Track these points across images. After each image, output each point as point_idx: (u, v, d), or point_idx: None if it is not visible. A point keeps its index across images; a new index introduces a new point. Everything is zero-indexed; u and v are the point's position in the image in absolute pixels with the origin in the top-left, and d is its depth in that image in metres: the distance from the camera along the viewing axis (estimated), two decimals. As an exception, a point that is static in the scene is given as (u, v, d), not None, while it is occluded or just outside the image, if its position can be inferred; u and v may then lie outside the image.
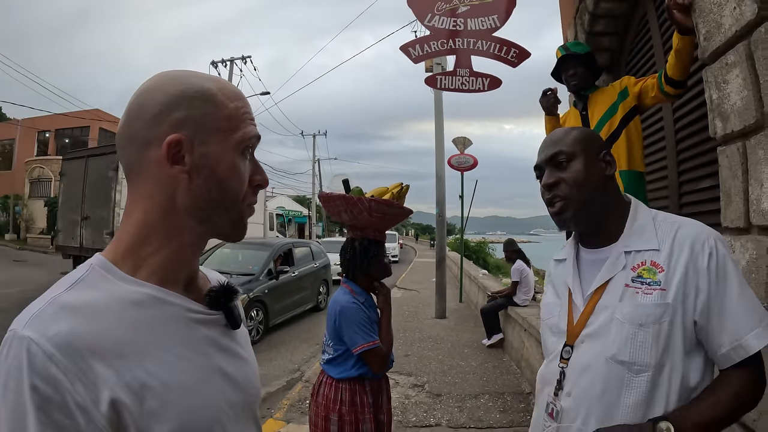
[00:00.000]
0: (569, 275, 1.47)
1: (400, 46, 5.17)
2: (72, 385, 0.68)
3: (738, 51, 1.98)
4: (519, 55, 4.83)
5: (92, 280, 0.80)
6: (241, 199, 0.90)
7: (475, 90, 5.07)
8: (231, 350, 0.95)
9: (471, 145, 12.76)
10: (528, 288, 7.70)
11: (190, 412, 0.80)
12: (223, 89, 0.89)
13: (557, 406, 1.37)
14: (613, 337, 1.29)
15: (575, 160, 1.41)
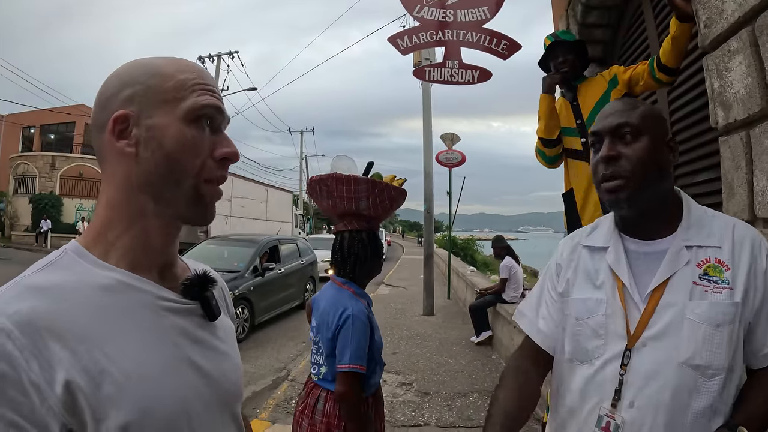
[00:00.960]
0: (620, 267, 1.31)
1: (389, 37, 5.07)
2: (27, 363, 0.67)
3: (741, 37, 1.91)
4: (509, 48, 4.74)
5: (64, 263, 0.81)
6: (195, 172, 0.85)
7: (465, 82, 4.98)
8: (206, 342, 0.92)
9: (459, 141, 12.74)
10: (517, 285, 7.66)
11: (150, 402, 0.77)
12: (174, 63, 0.88)
13: (617, 419, 1.23)
14: (687, 339, 1.18)
15: (642, 137, 1.27)
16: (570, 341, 1.37)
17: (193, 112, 0.85)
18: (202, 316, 0.93)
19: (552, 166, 3.30)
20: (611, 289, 1.32)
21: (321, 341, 2.20)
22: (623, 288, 1.29)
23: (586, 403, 1.30)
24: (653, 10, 3.30)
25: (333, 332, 2.12)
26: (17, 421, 0.65)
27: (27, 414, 0.66)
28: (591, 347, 1.31)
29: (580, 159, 3.04)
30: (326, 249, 17.94)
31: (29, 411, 0.66)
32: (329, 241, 18.37)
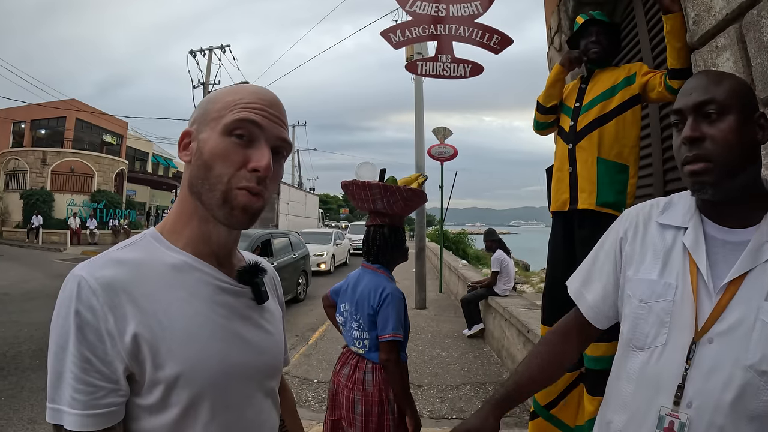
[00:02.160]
0: (698, 253, 1.18)
1: (381, 31, 5.08)
2: (105, 315, 0.86)
3: (729, 34, 1.95)
4: (501, 42, 4.76)
5: (142, 245, 1.00)
6: (225, 179, 0.96)
7: (457, 76, 4.99)
8: (253, 320, 1.09)
9: (451, 135, 12.73)
10: (508, 278, 7.71)
11: (198, 359, 0.94)
12: (233, 89, 1.03)
13: (681, 418, 1.12)
14: (757, 342, 1.07)
15: (729, 116, 1.14)
16: (629, 323, 1.27)
17: (228, 126, 0.97)
18: (252, 299, 1.10)
19: (538, 131, 3.28)
20: (683, 275, 1.20)
21: (361, 318, 2.57)
22: (698, 275, 1.17)
23: (641, 396, 1.22)
24: (644, 6, 3.32)
25: (374, 308, 2.53)
26: (90, 359, 0.85)
27: (100, 354, 0.85)
28: (653, 334, 1.21)
29: (563, 139, 3.00)
30: (319, 243, 18.11)
31: (102, 353, 0.86)
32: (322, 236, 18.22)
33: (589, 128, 2.82)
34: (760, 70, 1.78)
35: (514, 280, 7.90)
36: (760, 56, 1.78)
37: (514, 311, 6.01)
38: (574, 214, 2.87)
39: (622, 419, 1.25)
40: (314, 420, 4.49)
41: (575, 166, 2.86)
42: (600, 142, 2.77)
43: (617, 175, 2.77)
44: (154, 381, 0.90)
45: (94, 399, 0.85)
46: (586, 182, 2.79)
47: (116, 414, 0.88)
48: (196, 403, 0.93)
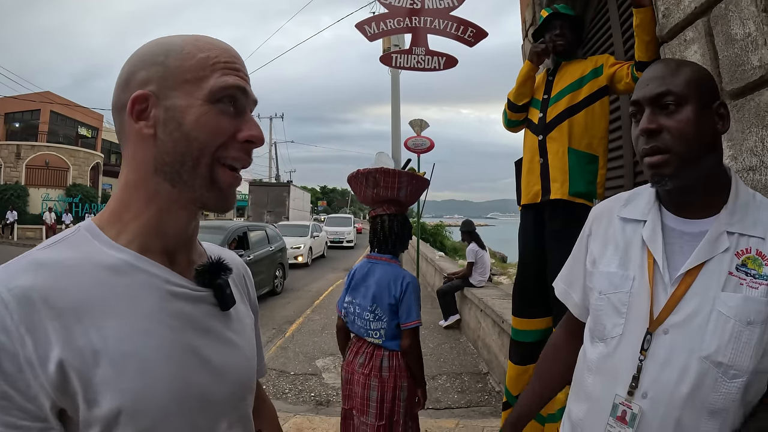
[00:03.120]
0: (655, 244, 1.19)
1: (356, 23, 5.05)
2: (22, 338, 0.68)
3: (697, 27, 1.97)
4: (476, 35, 4.78)
5: (74, 241, 0.80)
6: (212, 151, 0.82)
7: (431, 69, 5.00)
8: (215, 332, 0.89)
9: (428, 127, 12.74)
10: (483, 269, 7.77)
11: (143, 389, 0.75)
12: (195, 41, 0.84)
13: (633, 408, 1.13)
14: (712, 333, 1.07)
15: (686, 106, 1.12)
16: (592, 315, 1.30)
17: (216, 92, 0.82)
18: (215, 305, 0.90)
19: (510, 129, 3.28)
20: (641, 266, 1.21)
21: (379, 308, 2.63)
22: (654, 266, 1.18)
23: (599, 386, 1.23)
24: (617, 0, 3.35)
25: (396, 297, 2.61)
26: (10, 394, 0.67)
27: (21, 388, 0.67)
28: (610, 325, 1.22)
29: (532, 131, 3.01)
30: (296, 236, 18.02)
31: (24, 385, 0.67)
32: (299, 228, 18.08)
33: (559, 119, 2.84)
34: (727, 63, 1.80)
35: (490, 272, 7.96)
36: (727, 49, 1.80)
37: (489, 302, 6.05)
38: (546, 206, 2.88)
39: (582, 408, 1.28)
40: (291, 412, 4.49)
41: (546, 157, 2.87)
42: (570, 133, 2.79)
43: (588, 165, 2.79)
44: (89, 420, 0.72)
45: None
46: (558, 172, 2.80)
47: None
48: None
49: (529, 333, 2.98)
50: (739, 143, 1.75)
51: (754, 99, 1.68)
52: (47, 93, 30.57)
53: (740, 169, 1.74)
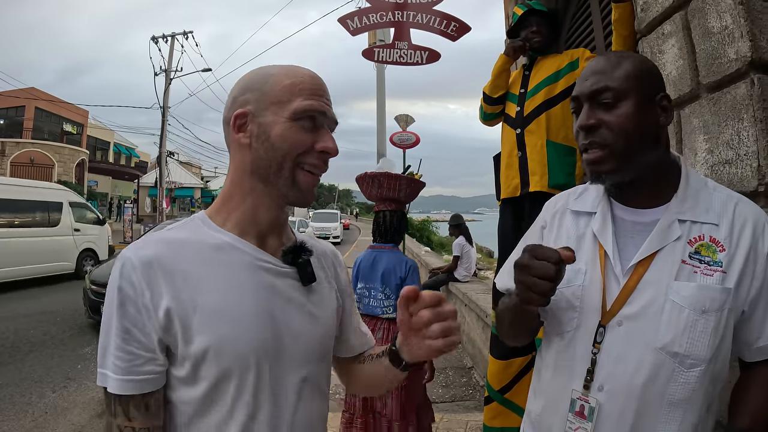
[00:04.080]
0: (605, 236, 1.19)
1: (339, 18, 5.04)
2: (143, 290, 0.94)
3: (675, 21, 1.98)
4: (459, 29, 4.80)
5: (190, 226, 1.06)
6: (293, 158, 1.02)
7: (414, 63, 4.99)
8: (296, 302, 1.08)
9: (414, 122, 12.73)
10: (469, 264, 7.79)
11: (226, 336, 0.96)
12: (285, 70, 1.05)
13: (591, 402, 1.12)
14: (667, 323, 1.07)
15: (625, 101, 1.12)
16: (547, 311, 1.27)
17: (298, 112, 1.01)
18: (297, 280, 1.09)
19: (486, 122, 3.31)
20: (592, 259, 1.20)
21: (388, 288, 3.16)
22: (605, 258, 1.18)
23: (555, 382, 1.23)
24: (598, -5, 3.35)
25: (401, 278, 3.15)
26: (130, 329, 0.93)
27: (139, 326, 0.93)
28: (564, 319, 1.21)
29: (510, 125, 3.04)
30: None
31: (141, 324, 0.93)
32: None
33: (537, 112, 2.87)
34: (704, 56, 1.81)
35: (476, 266, 7.98)
36: (704, 42, 1.81)
37: (474, 296, 6.08)
38: (525, 199, 2.90)
39: (539, 405, 1.28)
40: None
41: (524, 150, 2.89)
42: (548, 126, 2.83)
43: (566, 157, 2.83)
44: (184, 355, 0.96)
45: (133, 366, 0.93)
46: (537, 165, 2.83)
47: (154, 381, 0.96)
48: (224, 379, 0.97)
49: None
50: (715, 137, 1.76)
51: (731, 92, 1.69)
52: (32, 89, 30.34)
53: (716, 162, 1.75)
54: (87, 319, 7.86)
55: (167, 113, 25.27)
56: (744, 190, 1.59)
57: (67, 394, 5.16)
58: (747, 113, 1.60)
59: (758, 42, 1.59)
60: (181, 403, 0.98)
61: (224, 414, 0.98)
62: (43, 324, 7.85)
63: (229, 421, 0.98)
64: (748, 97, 1.60)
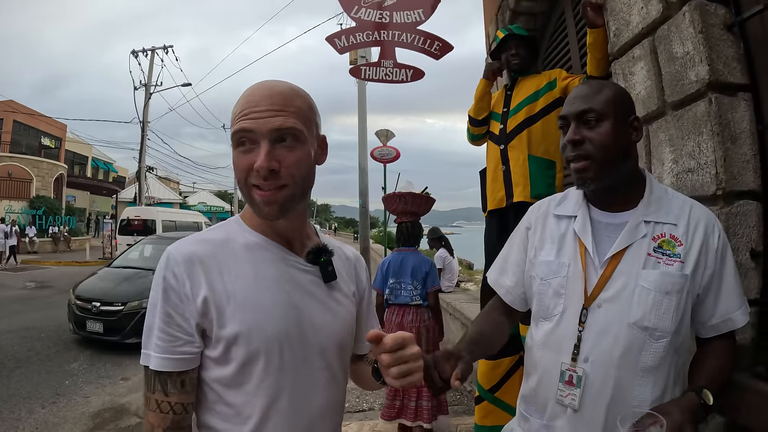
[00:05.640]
0: (585, 234, 1.43)
1: (326, 37, 5.19)
2: (184, 281, 1.09)
3: (644, 46, 2.20)
4: (442, 48, 4.99)
5: (226, 227, 1.22)
6: (244, 181, 1.13)
7: (399, 81, 5.17)
8: (317, 296, 1.21)
9: (393, 137, 12.92)
10: (452, 275, 7.96)
11: (255, 323, 1.10)
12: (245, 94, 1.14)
13: (578, 371, 1.35)
14: (637, 303, 1.31)
15: (605, 121, 1.37)
16: (536, 300, 1.52)
17: (233, 141, 1.13)
18: (319, 278, 1.23)
19: (474, 143, 3.51)
20: (574, 254, 1.44)
21: (416, 280, 4.25)
22: (585, 253, 1.41)
23: (546, 358, 1.44)
24: (574, 18, 3.58)
25: (426, 272, 4.28)
26: (172, 314, 1.08)
27: (179, 312, 1.08)
28: (552, 305, 1.44)
29: (494, 142, 3.24)
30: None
31: (181, 310, 1.09)
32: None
33: (519, 129, 3.09)
34: (669, 78, 2.03)
35: (458, 278, 8.14)
36: (669, 66, 2.03)
37: (458, 306, 6.24)
38: (510, 209, 3.10)
39: (534, 379, 1.50)
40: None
41: (508, 164, 3.11)
42: (529, 141, 3.04)
43: (547, 170, 3.04)
44: (218, 337, 1.09)
45: (173, 346, 1.08)
46: (520, 177, 3.03)
47: (191, 361, 1.10)
48: (251, 361, 1.10)
49: None
50: (679, 148, 1.97)
51: (692, 109, 1.91)
52: (10, 102, 29.86)
53: (680, 171, 1.96)
54: (72, 334, 7.81)
55: (147, 128, 25.07)
56: (704, 194, 1.81)
57: (57, 409, 5.15)
58: (706, 128, 1.82)
59: (716, 66, 1.80)
60: (213, 381, 1.12)
61: (250, 394, 1.11)
62: (27, 340, 7.76)
63: (254, 401, 1.11)
64: (707, 114, 1.81)
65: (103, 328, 7.36)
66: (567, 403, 1.36)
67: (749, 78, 1.83)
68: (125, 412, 5.20)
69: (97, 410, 5.20)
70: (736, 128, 1.80)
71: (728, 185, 1.76)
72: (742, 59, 1.84)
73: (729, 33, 1.85)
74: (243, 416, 1.11)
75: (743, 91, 1.84)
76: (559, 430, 1.39)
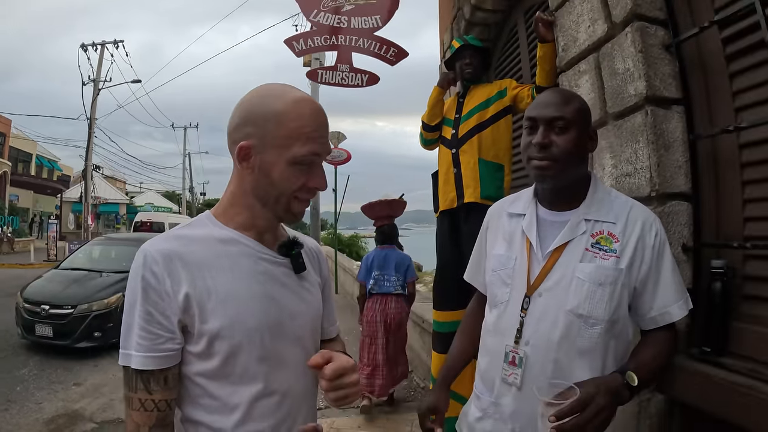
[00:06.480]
0: (531, 231, 1.56)
1: (285, 39, 5.20)
2: (164, 279, 1.10)
3: (589, 61, 2.40)
4: (397, 55, 5.11)
5: (199, 223, 1.23)
6: (288, 194, 1.18)
7: (354, 85, 5.26)
8: (290, 287, 1.27)
9: (345, 139, 12.97)
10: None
11: (236, 316, 1.13)
12: (289, 109, 1.15)
13: (520, 353, 1.48)
14: (573, 293, 1.43)
15: (571, 129, 1.47)
16: (488, 290, 1.67)
17: (297, 158, 1.15)
18: (291, 269, 1.28)
19: (427, 147, 3.67)
20: (521, 248, 1.57)
21: (399, 273, 5.07)
22: (530, 247, 1.54)
23: (495, 342, 1.57)
24: (526, 30, 3.79)
25: (406, 265, 5.14)
26: (153, 312, 1.09)
27: (160, 309, 1.09)
28: (500, 293, 1.58)
29: (446, 146, 3.41)
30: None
31: (161, 308, 1.09)
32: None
33: (470, 134, 3.27)
34: (611, 92, 2.23)
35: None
36: (611, 80, 2.23)
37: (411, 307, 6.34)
38: (461, 209, 3.28)
39: (485, 361, 1.66)
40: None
41: (459, 167, 3.29)
42: (480, 146, 3.22)
43: (496, 173, 3.24)
44: (200, 332, 1.11)
45: (155, 344, 1.08)
46: (471, 180, 3.21)
47: (172, 358, 1.11)
48: (234, 353, 1.13)
49: (449, 324, 3.33)
50: (618, 154, 2.18)
51: (630, 120, 2.12)
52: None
53: (619, 174, 2.17)
54: (20, 339, 7.44)
55: (94, 125, 24.24)
56: (640, 196, 2.02)
57: (9, 416, 4.99)
58: (642, 137, 2.02)
59: (653, 82, 2.01)
60: (196, 375, 1.14)
61: (235, 384, 1.14)
62: (-28, 346, 7.32)
63: (240, 390, 1.14)
64: (644, 125, 2.02)
65: (53, 332, 7.06)
66: (510, 381, 1.50)
67: (683, 93, 2.05)
68: (80, 417, 5.07)
69: (50, 416, 5.06)
70: (670, 137, 2.01)
71: (661, 187, 1.97)
72: (678, 76, 2.06)
73: (666, 52, 2.06)
74: (229, 407, 1.14)
75: (677, 105, 2.05)
76: (505, 406, 1.53)
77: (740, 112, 1.86)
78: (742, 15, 1.77)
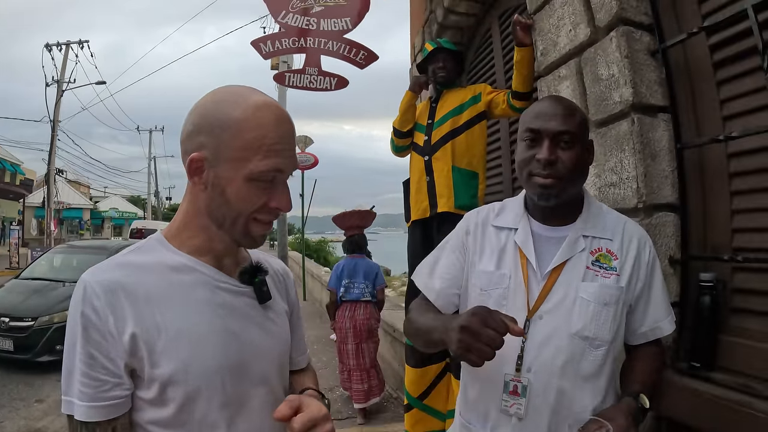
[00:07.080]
0: (527, 248, 1.45)
1: (251, 41, 5.10)
2: (107, 316, 0.93)
3: (570, 66, 2.33)
4: (367, 58, 5.04)
5: (148, 248, 1.07)
6: (247, 215, 1.03)
7: (323, 89, 5.18)
8: (254, 319, 1.12)
9: (312, 144, 12.89)
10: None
11: (192, 358, 0.98)
12: (252, 118, 0.99)
13: (523, 381, 1.36)
14: (578, 314, 1.35)
15: (576, 144, 1.40)
16: None
17: (255, 175, 0.99)
18: (254, 299, 1.13)
19: (398, 154, 3.57)
20: (515, 266, 1.45)
21: (368, 281, 5.25)
22: (527, 265, 1.43)
23: (490, 370, 1.34)
24: (501, 34, 3.74)
25: (375, 273, 5.35)
26: (95, 355, 0.93)
27: (104, 351, 0.93)
28: None
29: (419, 153, 3.31)
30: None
31: (105, 350, 0.93)
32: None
33: (443, 141, 3.17)
34: (594, 98, 2.16)
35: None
36: (594, 86, 2.16)
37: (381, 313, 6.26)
38: (434, 219, 3.18)
39: (474, 390, 1.50)
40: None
41: (432, 175, 3.18)
42: (453, 153, 3.13)
43: (470, 181, 3.14)
44: (151, 377, 0.96)
45: (99, 392, 0.93)
46: (444, 188, 3.11)
47: (121, 406, 0.96)
48: (191, 400, 0.98)
49: None
50: (602, 164, 2.11)
51: (615, 128, 2.05)
52: None
53: (603, 185, 2.10)
54: None
55: (58, 127, 23.50)
56: (626, 207, 1.95)
57: None
58: (628, 145, 1.96)
59: (639, 89, 1.94)
60: (149, 423, 0.99)
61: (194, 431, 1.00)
62: None
63: None
64: (630, 133, 1.95)
65: (13, 346, 6.72)
66: (512, 412, 1.37)
67: (670, 100, 1.99)
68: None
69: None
70: (656, 146, 1.95)
71: (648, 198, 1.91)
72: (664, 83, 2.00)
73: (652, 58, 2.00)
74: None
75: (663, 113, 1.99)
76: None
77: (728, 120, 1.81)
78: (732, 21, 1.73)
